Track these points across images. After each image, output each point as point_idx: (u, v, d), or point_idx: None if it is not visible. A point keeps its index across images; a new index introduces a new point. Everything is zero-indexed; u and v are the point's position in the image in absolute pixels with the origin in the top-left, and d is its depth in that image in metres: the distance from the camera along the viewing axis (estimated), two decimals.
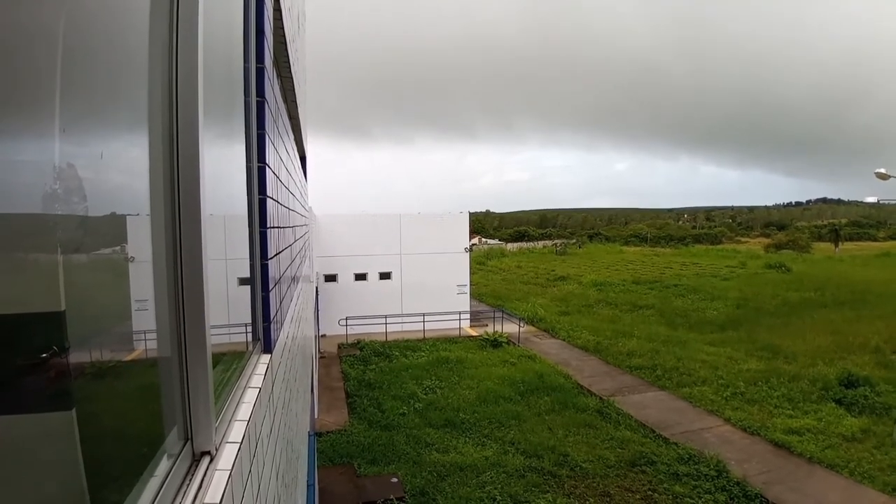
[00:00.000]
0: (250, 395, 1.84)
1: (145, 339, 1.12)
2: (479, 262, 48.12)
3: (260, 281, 2.56)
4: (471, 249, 25.74)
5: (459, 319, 22.49)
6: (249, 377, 2.04)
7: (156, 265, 1.09)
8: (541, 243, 75.44)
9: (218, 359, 1.48)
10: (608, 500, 9.55)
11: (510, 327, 21.77)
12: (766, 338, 20.04)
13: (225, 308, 1.86)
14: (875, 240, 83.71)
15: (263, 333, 2.59)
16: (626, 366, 17.23)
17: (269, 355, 2.51)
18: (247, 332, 2.35)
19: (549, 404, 13.71)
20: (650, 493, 9.73)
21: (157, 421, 1.11)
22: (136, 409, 1.11)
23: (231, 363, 1.80)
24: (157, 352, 1.14)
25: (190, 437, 1.17)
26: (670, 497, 9.54)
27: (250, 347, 2.34)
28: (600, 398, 14.20)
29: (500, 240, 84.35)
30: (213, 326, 1.35)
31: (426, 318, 21.39)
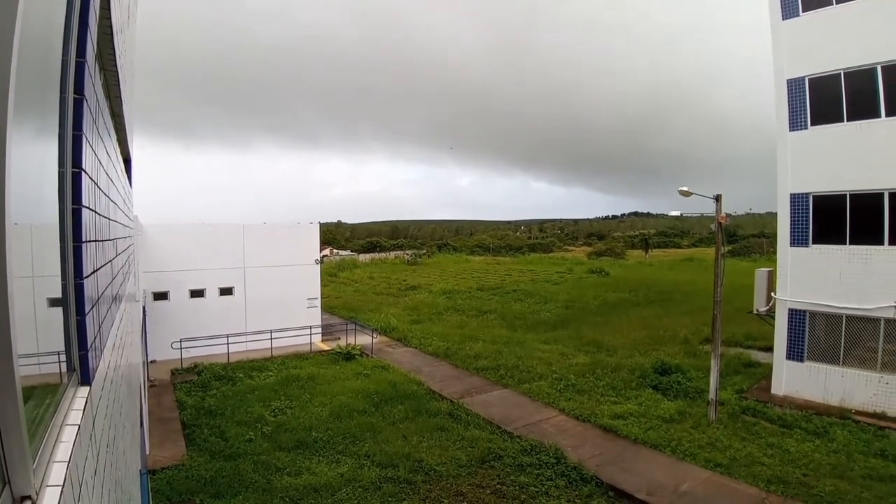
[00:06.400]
0: (69, 434, 1.61)
1: None
2: (330, 274, 47.04)
3: (74, 303, 2.24)
4: (321, 261, 25.07)
5: (310, 334, 21.72)
6: (66, 413, 1.78)
7: None
8: (392, 254, 76.26)
9: (29, 393, 1.28)
10: (461, 499, 9.98)
11: (363, 339, 21.65)
12: (591, 334, 22.76)
13: (33, 334, 1.61)
14: (680, 247, 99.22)
15: (80, 363, 2.27)
16: (474, 368, 18.23)
17: (88, 388, 2.21)
18: (60, 362, 2.04)
19: (403, 412, 13.91)
20: (499, 486, 10.39)
21: None
22: None
23: (44, 398, 1.56)
24: None
25: (7, 480, 1.00)
26: (517, 487, 10.30)
27: (65, 379, 2.04)
28: (451, 401, 14.82)
29: (352, 251, 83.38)
30: (21, 356, 1.17)
31: (274, 334, 20.28)
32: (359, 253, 78.39)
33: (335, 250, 78.06)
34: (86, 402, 2.01)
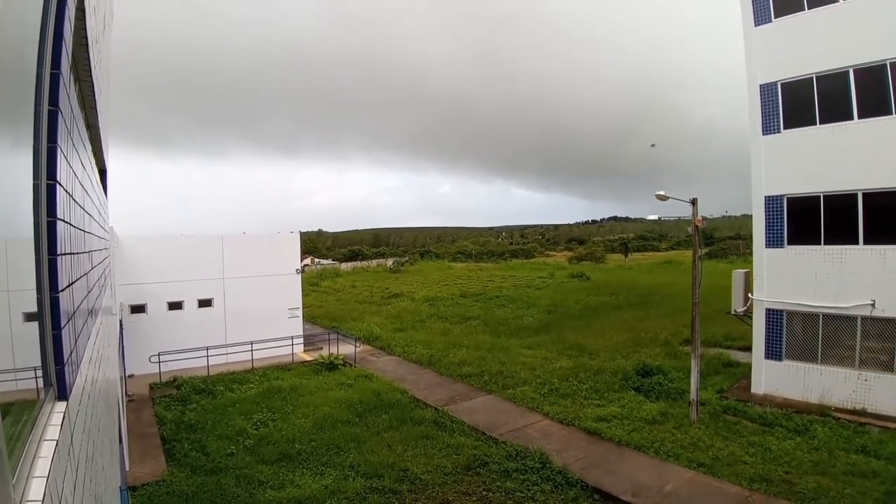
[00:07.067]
0: (47, 449, 1.59)
1: None
2: (312, 284, 46.62)
3: (50, 316, 2.20)
4: (303, 270, 24.85)
5: (292, 345, 21.47)
6: (44, 429, 1.75)
7: None
8: (375, 262, 75.90)
9: (6, 409, 1.26)
10: None
11: (346, 348, 21.48)
12: (574, 338, 22.90)
13: (9, 349, 1.58)
14: (658, 250, 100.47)
15: (57, 378, 2.23)
16: (458, 375, 18.19)
17: (66, 403, 2.18)
18: (37, 377, 2.00)
19: (388, 421, 13.81)
20: (485, 492, 10.36)
21: None
22: None
23: (21, 414, 1.53)
24: None
25: None
26: (503, 493, 10.28)
27: (42, 395, 2.00)
28: (435, 409, 14.76)
29: (333, 259, 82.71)
30: None
31: (255, 346, 20.00)
32: (340, 262, 77.79)
33: (316, 259, 77.34)
34: (63, 418, 1.98)
